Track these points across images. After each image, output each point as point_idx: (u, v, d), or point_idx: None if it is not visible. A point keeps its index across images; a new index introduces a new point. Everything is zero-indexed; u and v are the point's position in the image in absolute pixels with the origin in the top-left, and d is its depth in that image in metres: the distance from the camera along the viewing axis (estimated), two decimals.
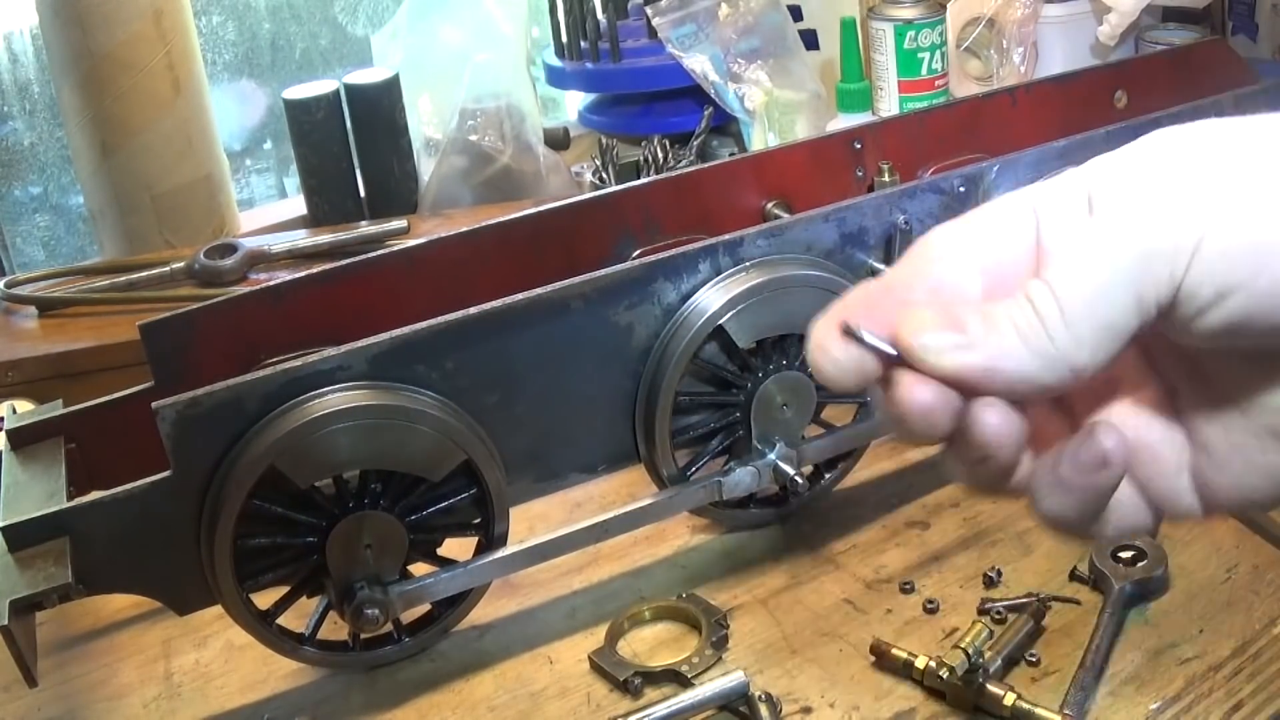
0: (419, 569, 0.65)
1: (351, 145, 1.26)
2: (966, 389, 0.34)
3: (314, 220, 1.28)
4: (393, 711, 0.64)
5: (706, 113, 1.26)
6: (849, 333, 0.35)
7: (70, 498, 0.62)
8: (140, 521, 0.59)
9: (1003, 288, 0.35)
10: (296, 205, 1.35)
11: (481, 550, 0.67)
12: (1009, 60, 1.31)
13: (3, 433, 0.70)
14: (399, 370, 0.62)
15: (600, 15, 1.31)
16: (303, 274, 0.74)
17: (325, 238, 1.11)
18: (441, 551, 0.67)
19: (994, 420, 0.34)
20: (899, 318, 0.34)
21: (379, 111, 1.25)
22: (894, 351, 0.34)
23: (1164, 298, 0.33)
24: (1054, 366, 0.33)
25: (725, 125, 1.30)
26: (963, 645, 0.59)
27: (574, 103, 1.51)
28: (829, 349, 0.35)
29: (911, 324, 0.34)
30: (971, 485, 0.38)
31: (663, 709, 0.59)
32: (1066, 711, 0.56)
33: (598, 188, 1.22)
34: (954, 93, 1.38)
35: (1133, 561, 0.65)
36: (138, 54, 1.14)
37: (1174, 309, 0.33)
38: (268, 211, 1.40)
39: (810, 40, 1.33)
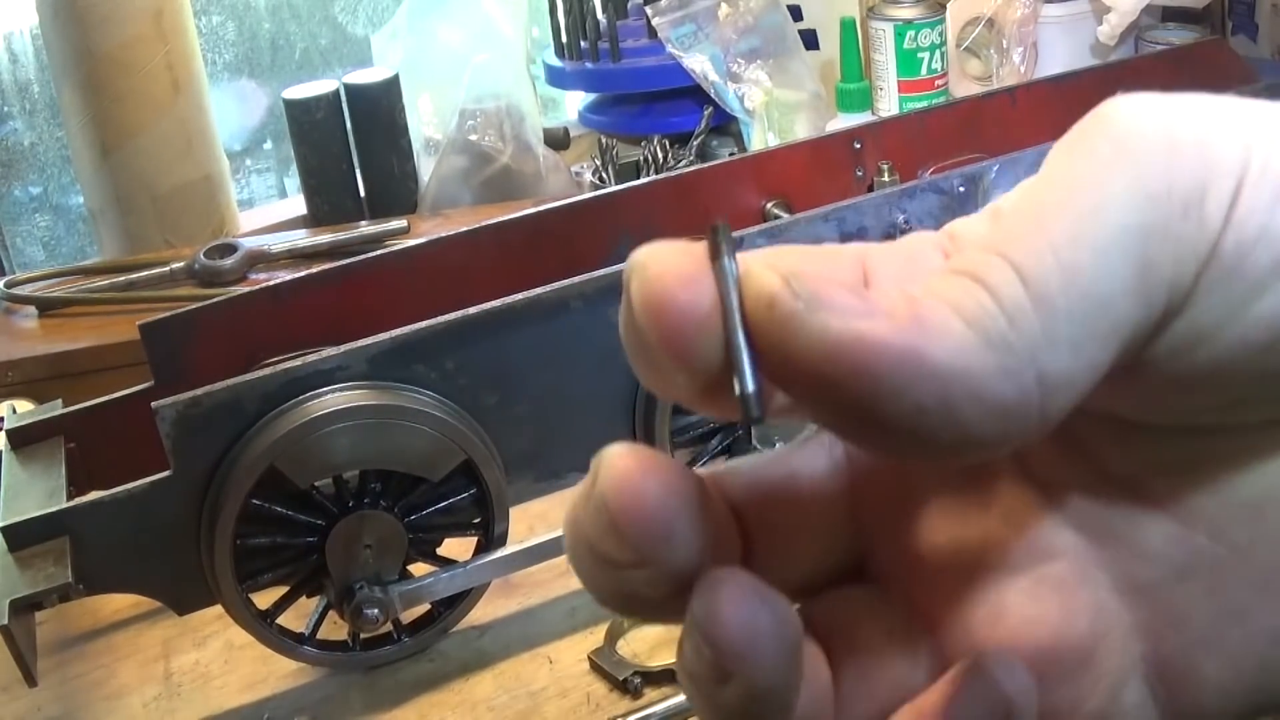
0: (419, 569, 0.65)
1: (351, 145, 1.26)
2: (855, 394, 0.18)
3: (314, 220, 1.28)
4: (393, 711, 0.64)
5: (706, 113, 1.26)
6: (714, 245, 0.20)
7: (70, 498, 0.62)
8: (140, 521, 0.59)
9: None
10: (296, 205, 1.35)
11: (481, 550, 0.67)
12: (1009, 60, 1.32)
13: (3, 433, 0.70)
14: (399, 370, 0.62)
15: (600, 15, 1.31)
16: (303, 274, 0.74)
17: (325, 238, 1.11)
18: (441, 551, 0.67)
19: (731, 597, 0.20)
20: (763, 254, 0.20)
21: (379, 111, 1.25)
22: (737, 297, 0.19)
23: (1185, 268, 0.19)
24: (1013, 368, 0.18)
25: (725, 125, 1.30)
26: None
27: (574, 103, 1.51)
28: (670, 263, 0.20)
29: (780, 262, 0.19)
30: None
31: (663, 709, 0.59)
32: None
33: (598, 188, 1.22)
34: (954, 93, 1.38)
35: None
36: (138, 54, 1.14)
37: (1197, 295, 0.20)
38: (268, 211, 1.40)
39: (810, 40, 1.33)
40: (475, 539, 0.67)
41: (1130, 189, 0.19)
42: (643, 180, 0.85)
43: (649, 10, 1.27)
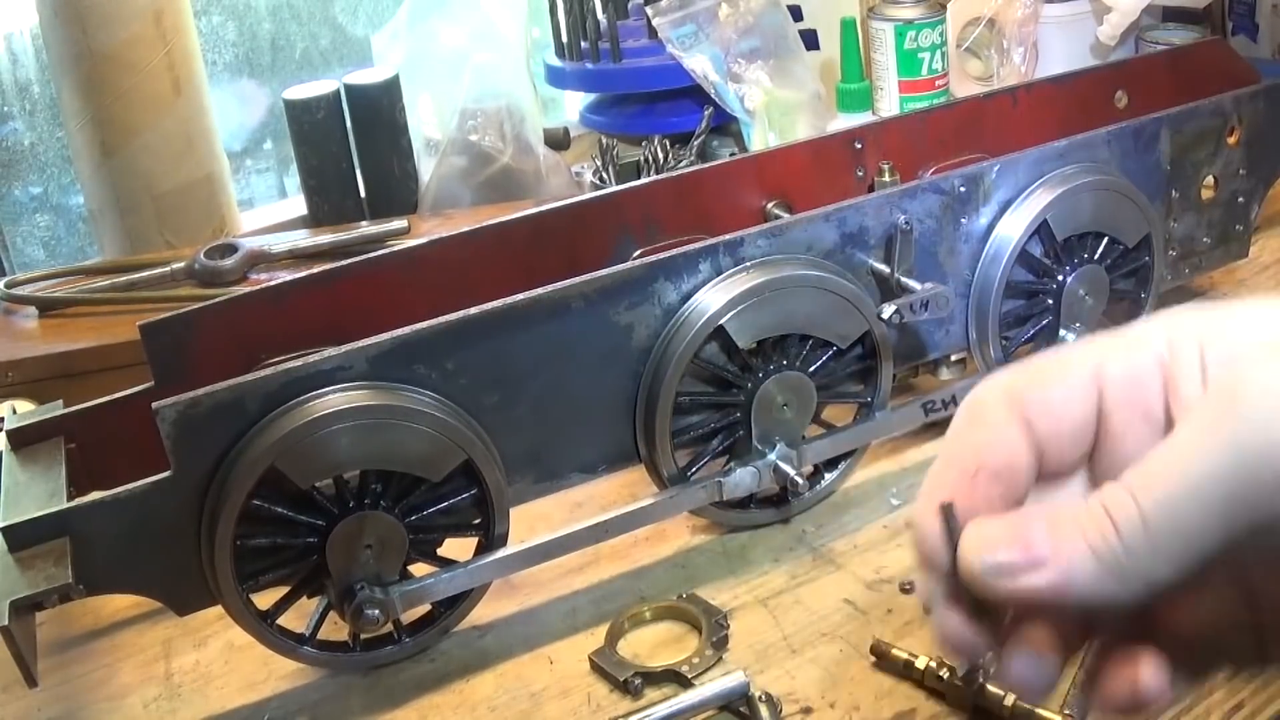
0: (419, 569, 0.65)
1: (351, 145, 1.26)
2: (1032, 606, 0.33)
3: (314, 220, 1.28)
4: (393, 711, 0.64)
5: (706, 113, 1.26)
6: (945, 513, 0.34)
7: (70, 498, 0.62)
8: (140, 521, 0.59)
9: (1058, 451, 0.34)
10: (296, 205, 1.35)
11: (481, 550, 0.67)
12: (1009, 60, 1.32)
13: (3, 433, 0.70)
14: (399, 370, 0.62)
15: (600, 15, 1.31)
16: (303, 274, 0.74)
17: (325, 238, 1.11)
18: (441, 552, 0.67)
19: (1023, 670, 0.34)
20: (966, 534, 0.33)
21: (379, 111, 1.25)
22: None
23: (1260, 518, 0.30)
24: (1128, 583, 0.31)
25: (725, 125, 1.30)
26: None
27: (574, 103, 1.51)
28: (922, 522, 0.35)
29: (976, 542, 0.33)
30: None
31: (663, 709, 0.59)
32: (1067, 711, 0.56)
33: (598, 188, 1.22)
34: (954, 93, 1.38)
35: None
36: (138, 54, 1.14)
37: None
38: (268, 211, 1.40)
39: (810, 40, 1.33)
40: (475, 539, 0.67)
41: (1230, 465, 0.30)
42: (643, 180, 0.85)
43: (649, 10, 1.27)
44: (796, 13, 1.32)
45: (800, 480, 0.70)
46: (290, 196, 1.48)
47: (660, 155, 1.22)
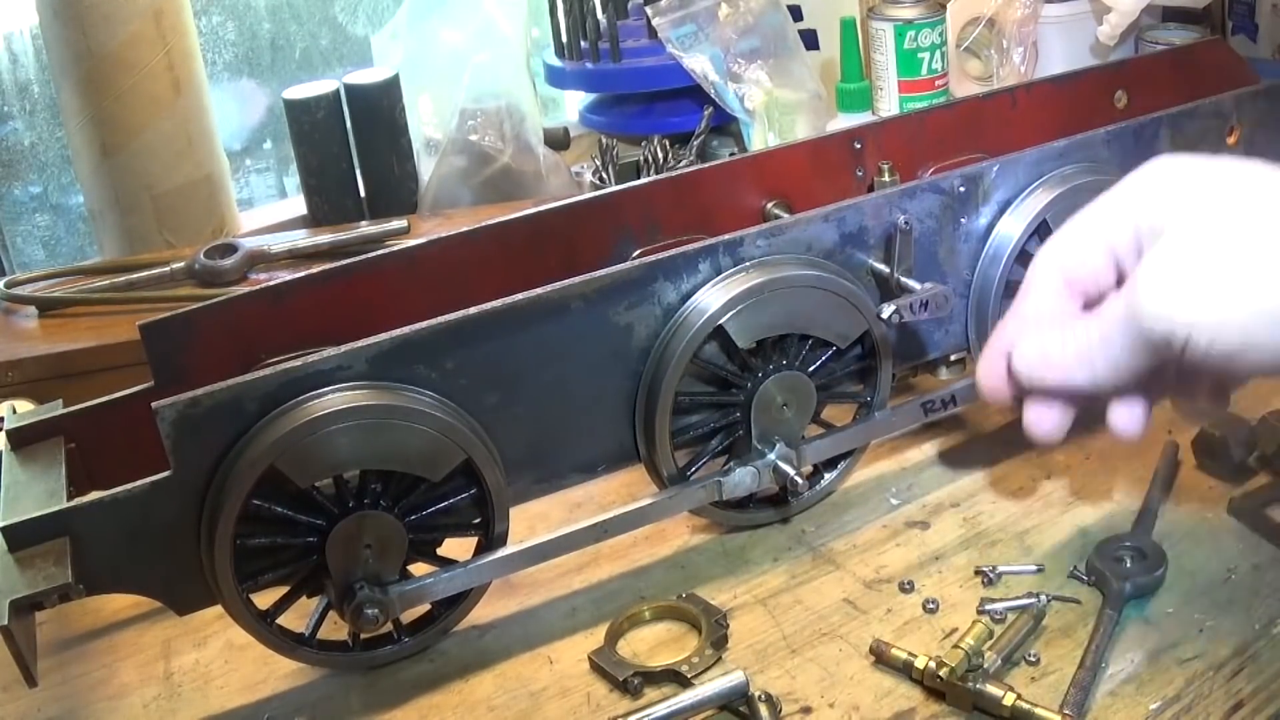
0: (419, 569, 0.65)
1: (351, 145, 1.26)
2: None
3: (314, 220, 1.28)
4: (393, 711, 0.64)
5: (706, 113, 1.26)
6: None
7: (70, 498, 0.62)
8: (140, 521, 0.59)
9: (1093, 286, 0.55)
10: (296, 205, 1.35)
11: (481, 550, 0.67)
12: (1009, 60, 1.32)
13: (3, 433, 0.70)
14: (399, 370, 0.62)
15: (600, 15, 1.31)
16: (302, 274, 0.74)
17: (325, 238, 1.11)
18: (441, 551, 0.67)
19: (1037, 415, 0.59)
20: (1016, 350, 0.56)
21: (379, 111, 1.25)
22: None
23: (1169, 355, 0.50)
24: (1096, 383, 0.54)
25: (725, 125, 1.30)
26: (962, 645, 0.59)
27: (574, 103, 1.51)
28: (989, 370, 0.58)
29: (1020, 354, 0.56)
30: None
31: (663, 709, 0.59)
32: (1066, 711, 0.56)
33: (598, 188, 1.22)
34: (954, 93, 1.38)
35: (1133, 561, 0.65)
36: (138, 54, 1.14)
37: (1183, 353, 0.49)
38: (268, 211, 1.40)
39: (810, 40, 1.33)
40: (475, 539, 0.67)
41: (1145, 340, 0.51)
42: (643, 180, 0.85)
43: (649, 10, 1.27)
44: (796, 13, 1.32)
45: (800, 480, 0.70)
46: (290, 196, 1.48)
47: (660, 155, 1.22)
